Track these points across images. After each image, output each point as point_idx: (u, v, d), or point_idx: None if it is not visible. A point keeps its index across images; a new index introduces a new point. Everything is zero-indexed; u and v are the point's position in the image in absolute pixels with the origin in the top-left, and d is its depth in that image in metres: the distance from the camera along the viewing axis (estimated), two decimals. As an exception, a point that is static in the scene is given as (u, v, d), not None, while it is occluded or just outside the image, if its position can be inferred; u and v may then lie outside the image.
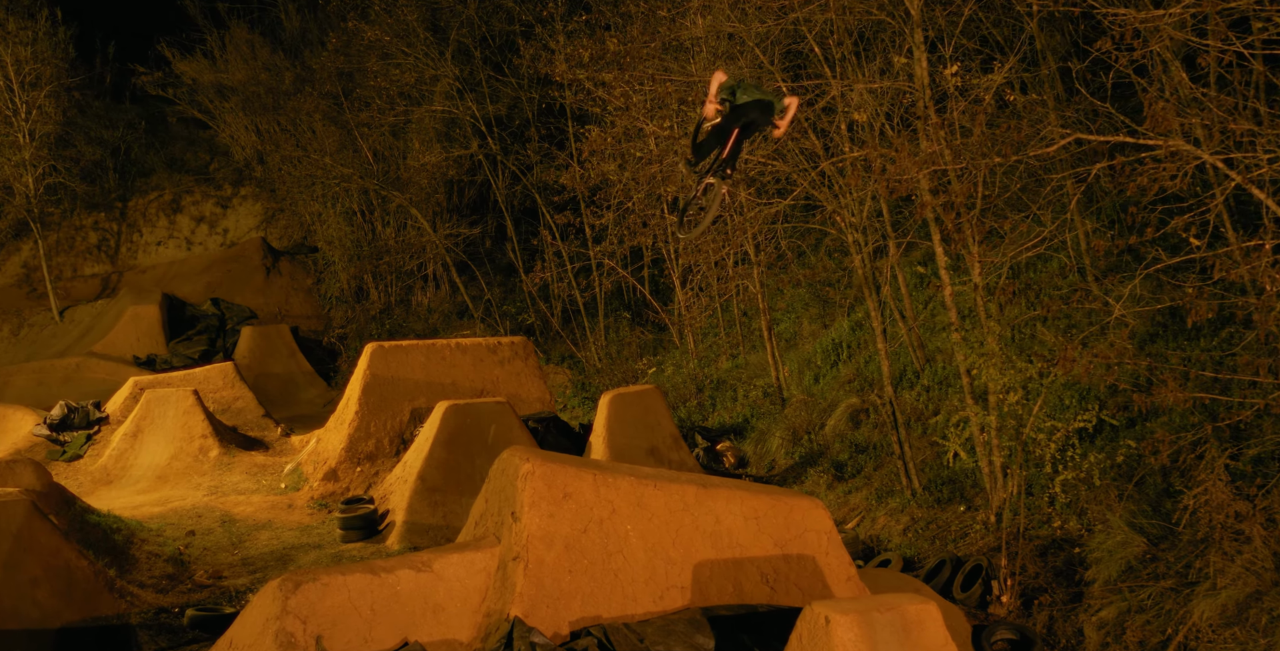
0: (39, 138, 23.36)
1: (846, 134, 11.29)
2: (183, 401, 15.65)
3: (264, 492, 13.92)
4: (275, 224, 27.84)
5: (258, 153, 28.25)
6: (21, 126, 23.12)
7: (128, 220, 27.51)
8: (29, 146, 23.19)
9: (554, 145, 21.21)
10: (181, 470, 14.98)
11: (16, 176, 23.37)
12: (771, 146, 10.39)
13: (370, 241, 24.82)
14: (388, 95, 21.05)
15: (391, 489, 12.62)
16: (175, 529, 12.34)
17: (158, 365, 21.28)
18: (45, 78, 22.94)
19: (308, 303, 25.22)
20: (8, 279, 26.04)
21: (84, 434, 15.88)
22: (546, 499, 6.42)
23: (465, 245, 24.11)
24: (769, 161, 10.48)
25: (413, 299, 25.19)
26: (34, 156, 23.38)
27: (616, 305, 22.93)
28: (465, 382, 14.38)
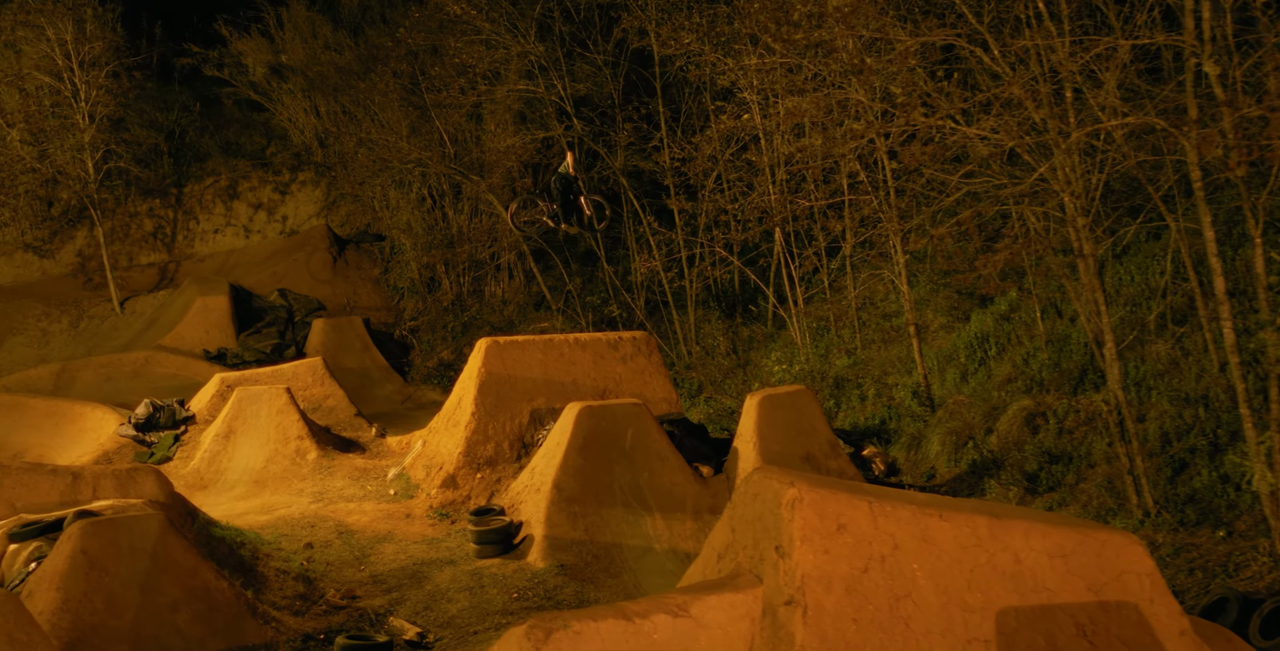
0: (98, 120, 22.80)
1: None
2: (276, 400, 15.05)
3: (374, 500, 13.28)
4: (337, 211, 27.22)
5: (318, 136, 27.63)
6: (81, 108, 22.56)
7: (184, 207, 26.99)
8: (89, 129, 22.63)
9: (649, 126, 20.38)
10: (279, 474, 14.38)
11: (75, 160, 22.83)
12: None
13: (443, 229, 24.14)
14: (471, 74, 20.29)
15: (521, 498, 11.93)
16: (290, 541, 11.71)
17: (228, 359, 20.74)
18: (104, 57, 22.33)
19: (376, 293, 24.59)
20: (63, 268, 25.59)
21: (171, 434, 15.32)
22: (819, 532, 5.65)
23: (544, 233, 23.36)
24: (990, 134, 9.58)
25: (485, 289, 24.50)
26: (93, 139, 22.82)
27: (705, 296, 22.14)
28: (586, 381, 13.66)
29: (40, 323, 23.05)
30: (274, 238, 27.08)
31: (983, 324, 14.63)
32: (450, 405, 14.11)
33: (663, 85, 20.97)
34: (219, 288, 22.11)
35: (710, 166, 17.38)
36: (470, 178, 21.79)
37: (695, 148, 18.86)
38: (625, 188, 21.64)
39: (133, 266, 25.45)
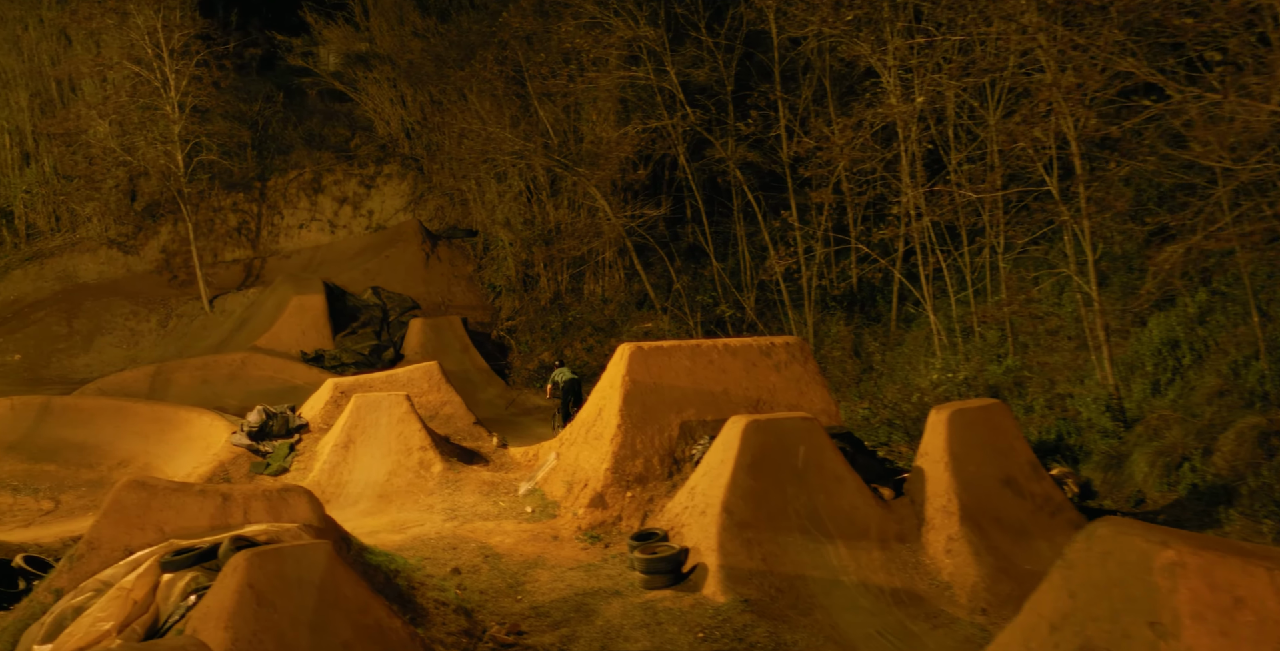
0: (187, 110, 22.37)
1: None
2: (396, 408, 14.40)
3: (511, 518, 12.54)
4: (424, 205, 26.64)
5: (405, 127, 27.08)
6: (170, 99, 22.16)
7: (267, 201, 26.58)
8: (180, 120, 22.22)
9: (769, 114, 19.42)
10: (404, 488, 13.72)
11: (165, 153, 22.44)
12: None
13: (540, 224, 23.42)
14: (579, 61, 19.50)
15: (682, 521, 11.10)
16: (434, 565, 10.99)
17: (326, 361, 20.21)
18: (193, 46, 21.90)
19: (471, 291, 23.96)
20: (148, 265, 25.31)
21: (286, 443, 14.74)
22: (1212, 607, 4.73)
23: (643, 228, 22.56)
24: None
25: (584, 287, 23.76)
26: (183, 131, 22.43)
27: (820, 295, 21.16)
28: (738, 391, 12.79)
29: (129, 322, 22.74)
30: (360, 233, 26.58)
31: (1168, 329, 13.51)
32: (587, 415, 13.33)
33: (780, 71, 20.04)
34: (313, 286, 21.59)
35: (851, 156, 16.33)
36: (577, 171, 21.00)
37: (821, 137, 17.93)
38: (739, 180, 20.75)
39: (217, 263, 25.08)
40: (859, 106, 17.07)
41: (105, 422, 16.33)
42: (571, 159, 21.45)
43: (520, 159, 21.47)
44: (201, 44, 21.97)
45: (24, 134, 25.74)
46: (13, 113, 25.75)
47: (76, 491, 14.98)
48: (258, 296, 23.07)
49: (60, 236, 25.16)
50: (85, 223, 25.30)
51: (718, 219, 22.37)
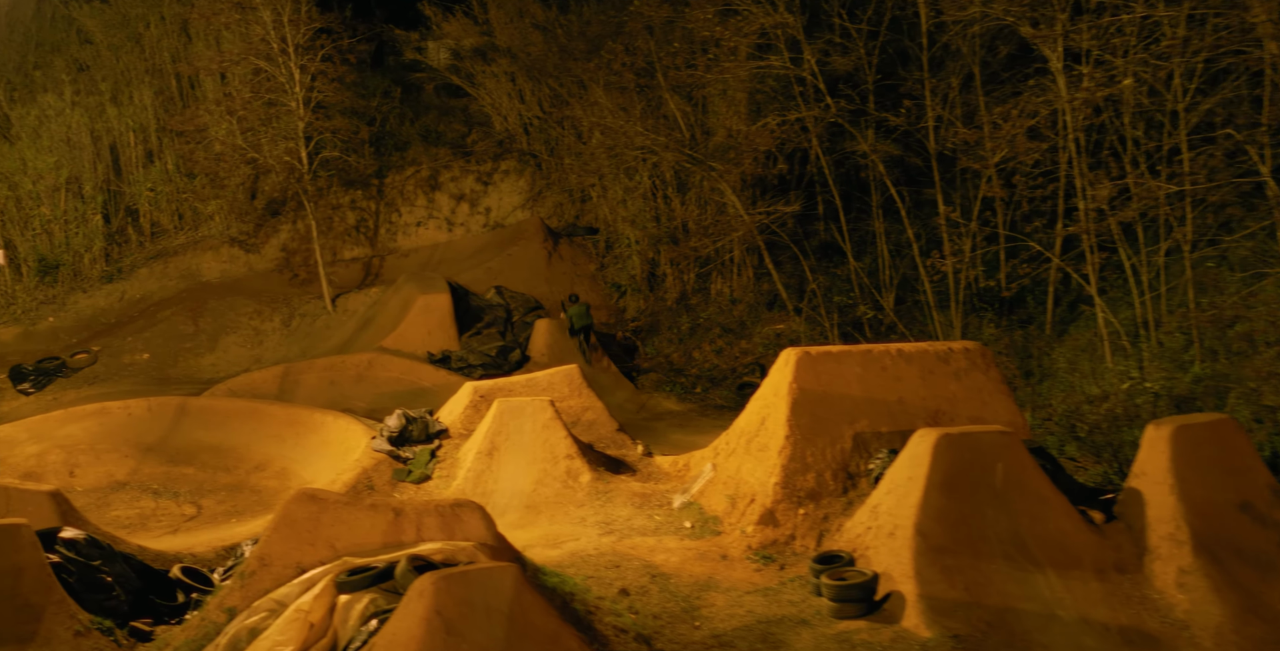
0: (311, 106, 22.40)
1: None
2: (540, 413, 13.96)
3: (671, 534, 11.98)
4: (543, 202, 26.30)
5: (523, 122, 26.79)
6: (295, 94, 22.19)
7: (385, 199, 26.56)
8: (305, 116, 22.25)
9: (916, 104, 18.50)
10: (552, 498, 13.28)
11: (289, 149, 22.49)
12: None
13: (667, 221, 22.84)
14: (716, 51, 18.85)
15: (866, 543, 10.37)
16: (599, 584, 10.48)
17: (453, 362, 19.97)
18: (318, 40, 21.89)
19: (594, 291, 23.51)
20: (268, 263, 25.49)
21: (427, 450, 14.43)
22: None
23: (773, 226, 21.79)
24: None
25: (711, 287, 23.11)
26: (307, 127, 22.45)
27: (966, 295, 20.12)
28: (914, 401, 12.01)
29: (253, 321, 22.88)
30: (477, 230, 26.38)
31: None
32: (747, 425, 12.68)
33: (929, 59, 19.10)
34: (438, 285, 21.39)
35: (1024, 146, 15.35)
36: (710, 165, 20.36)
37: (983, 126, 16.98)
38: (881, 174, 19.86)
39: (336, 261, 25.11)
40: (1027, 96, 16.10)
41: (241, 425, 16.29)
42: (703, 154, 20.81)
43: (651, 154, 20.88)
44: (326, 38, 21.93)
45: (148, 131, 26.18)
46: (136, 111, 26.21)
47: (216, 496, 14.93)
48: (380, 295, 22.99)
49: (183, 234, 25.51)
50: (208, 221, 25.61)
51: (855, 215, 21.47)
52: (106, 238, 24.60)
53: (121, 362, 21.51)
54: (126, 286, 24.18)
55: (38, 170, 23.75)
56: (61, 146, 24.56)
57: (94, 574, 9.54)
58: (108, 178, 25.30)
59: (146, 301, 24.03)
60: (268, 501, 14.70)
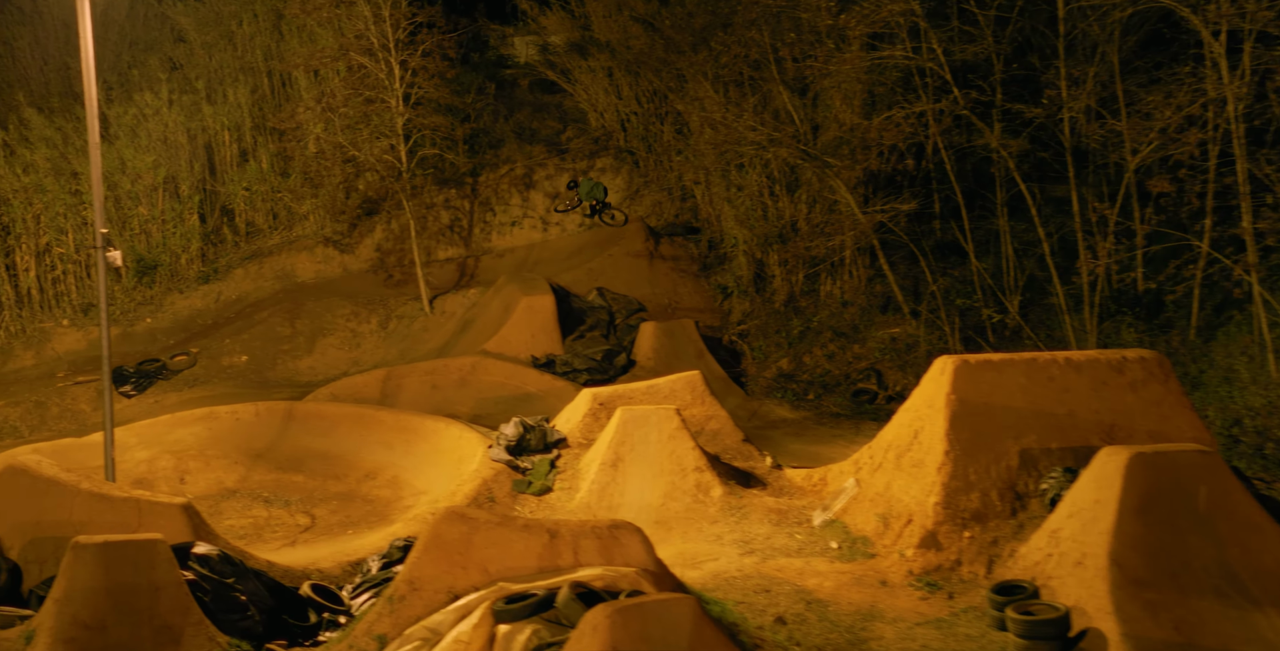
0: (411, 103, 22.12)
1: None
2: (666, 423, 13.36)
3: (819, 555, 11.29)
4: (640, 200, 25.75)
5: (620, 119, 26.28)
6: (395, 91, 21.92)
7: (479, 197, 26.25)
8: (404, 113, 21.97)
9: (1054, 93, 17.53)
10: (682, 514, 12.68)
11: (387, 147, 22.23)
12: None
13: (774, 220, 22.10)
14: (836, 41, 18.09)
15: (1048, 573, 9.58)
16: (751, 611, 9.83)
17: (557, 366, 19.51)
18: (419, 35, 21.59)
19: (697, 293, 22.89)
20: (362, 263, 25.33)
21: (546, 460, 13.92)
22: None
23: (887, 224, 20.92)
24: None
25: (820, 289, 22.31)
26: (406, 124, 22.18)
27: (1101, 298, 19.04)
28: (1085, 414, 11.15)
29: (349, 323, 22.68)
30: (573, 230, 25.94)
31: None
32: (896, 438, 11.93)
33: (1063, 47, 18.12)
34: (540, 286, 20.94)
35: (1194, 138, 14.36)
36: (827, 161, 19.59)
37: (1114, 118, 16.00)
38: (1011, 170, 18.89)
39: (431, 262, 24.84)
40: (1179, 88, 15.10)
41: (349, 431, 15.97)
42: (819, 149, 20.05)
43: (763, 150, 20.16)
44: (426, 32, 21.62)
45: (242, 130, 26.21)
46: (231, 109, 26.26)
47: (328, 505, 14.60)
48: (479, 297, 22.64)
49: (277, 234, 25.47)
50: (302, 220, 25.54)
51: (977, 213, 20.52)
52: (202, 238, 24.63)
53: (220, 365, 21.44)
54: (222, 287, 24.18)
55: (136, 170, 23.84)
56: (159, 145, 24.65)
57: (228, 592, 9.17)
58: (203, 177, 25.35)
59: (242, 302, 24.00)
60: (381, 511, 14.35)
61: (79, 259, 23.18)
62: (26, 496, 9.50)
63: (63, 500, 9.43)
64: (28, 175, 22.80)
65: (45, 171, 23.01)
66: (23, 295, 22.72)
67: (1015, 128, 18.99)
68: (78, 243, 23.05)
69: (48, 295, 23.02)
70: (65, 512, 9.39)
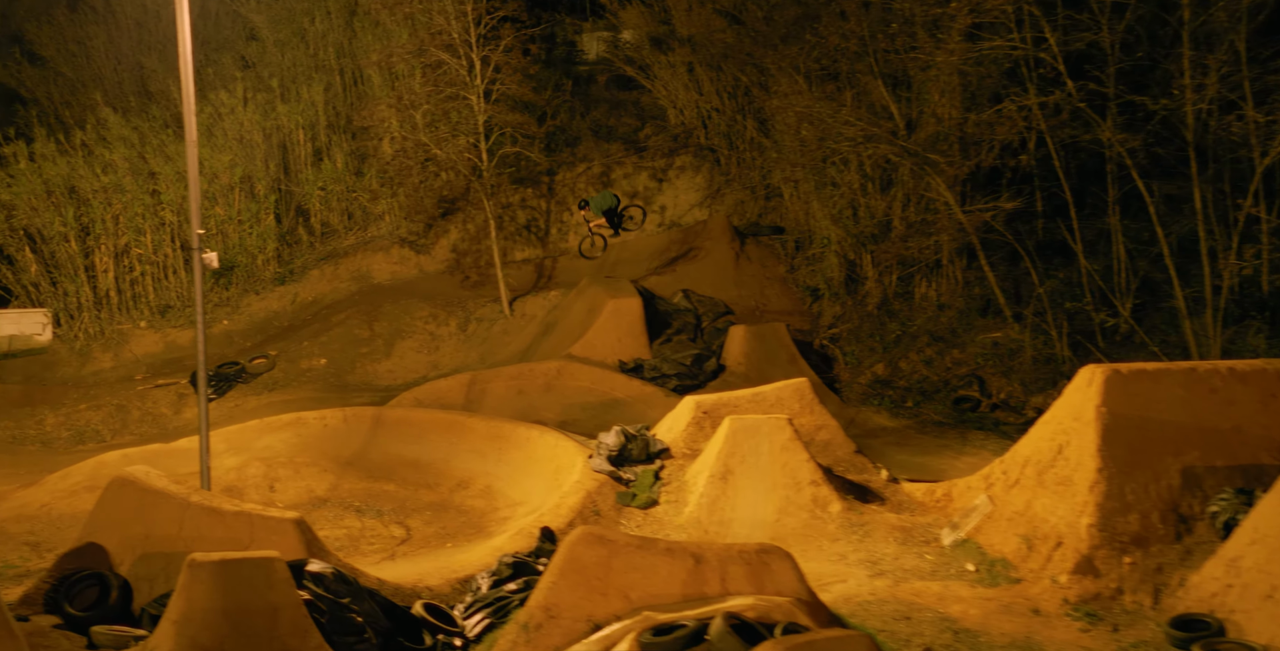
0: (492, 100, 21.73)
1: None
2: (778, 434, 12.75)
3: (956, 579, 10.62)
4: (721, 199, 25.16)
5: (701, 115, 25.71)
6: (476, 87, 21.54)
7: (556, 197, 25.84)
8: (485, 110, 21.59)
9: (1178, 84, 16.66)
10: (799, 530, 12.06)
11: (468, 146, 21.86)
12: None
13: (866, 219, 21.39)
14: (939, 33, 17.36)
15: (1229, 605, 8.86)
16: (892, 639, 9.20)
17: (645, 371, 18.97)
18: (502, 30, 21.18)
19: (785, 295, 22.24)
20: (438, 265, 25.03)
21: (650, 471, 13.38)
22: None
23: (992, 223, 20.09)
24: None
25: (915, 291, 21.54)
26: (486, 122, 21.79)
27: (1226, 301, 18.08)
28: (1254, 429, 10.39)
29: (428, 325, 22.36)
30: (652, 230, 25.40)
31: None
32: (1035, 453, 11.22)
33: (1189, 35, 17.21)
34: (626, 288, 20.42)
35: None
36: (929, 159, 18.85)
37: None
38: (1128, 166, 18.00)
39: (508, 263, 24.43)
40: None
41: (439, 438, 15.57)
42: (917, 145, 19.31)
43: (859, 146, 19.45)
44: (509, 27, 21.21)
45: (316, 129, 26.06)
46: (305, 108, 26.11)
47: (421, 515, 14.20)
48: (560, 299, 22.20)
49: (352, 235, 25.26)
50: (377, 221, 25.31)
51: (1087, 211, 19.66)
52: (278, 239, 24.48)
53: (299, 368, 21.22)
54: (298, 288, 24.01)
55: (213, 169, 23.75)
56: (235, 145, 24.56)
57: (344, 613, 8.74)
58: (278, 177, 25.21)
59: (318, 304, 23.81)
60: (477, 523, 13.92)
61: (156, 260, 23.13)
62: (135, 510, 9.16)
63: (172, 513, 9.08)
64: (107, 175, 22.78)
65: (124, 171, 22.98)
66: (101, 297, 22.71)
67: (1131, 121, 18.13)
68: (155, 243, 22.99)
69: (125, 297, 22.99)
70: (175, 527, 9.03)
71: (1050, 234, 20.71)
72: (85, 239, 22.69)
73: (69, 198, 22.48)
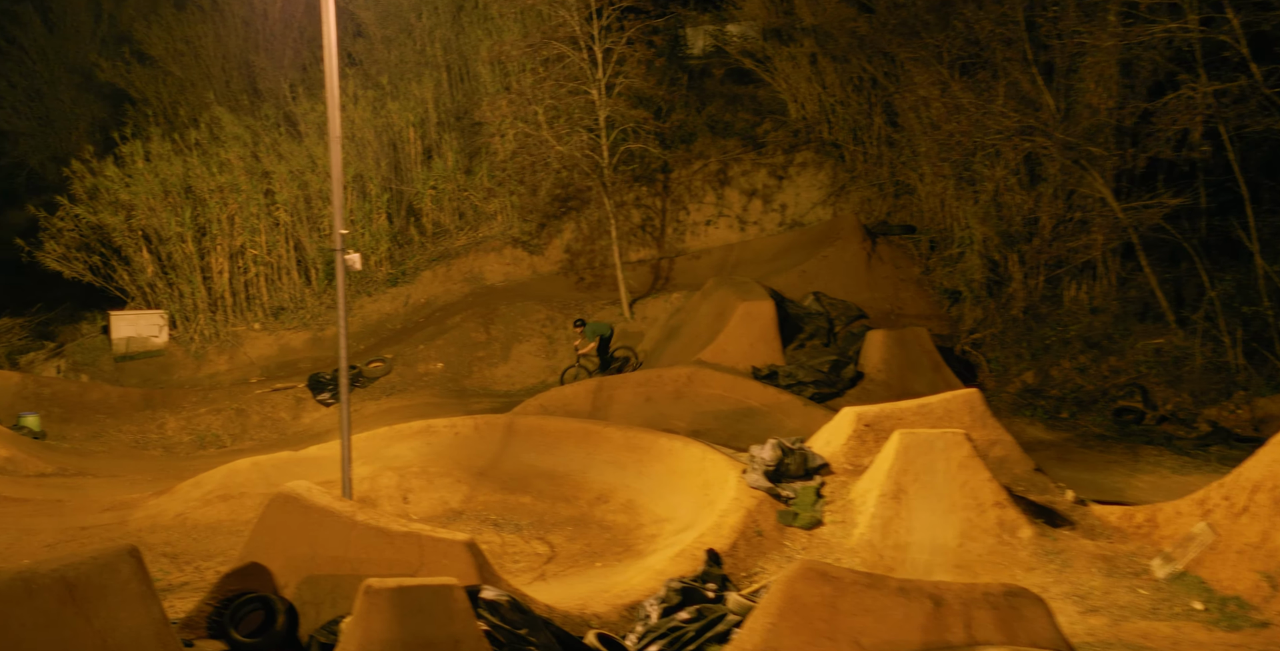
0: (614, 95, 21.09)
1: None
2: (954, 450, 11.81)
3: (1183, 618, 9.59)
4: (846, 197, 24.20)
5: (823, 109, 24.77)
6: (598, 81, 20.94)
7: (671, 195, 25.13)
8: (606, 105, 20.97)
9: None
10: (986, 557, 11.13)
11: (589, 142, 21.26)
12: None
13: (1009, 217, 20.26)
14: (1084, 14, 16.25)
15: None
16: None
17: (780, 378, 18.13)
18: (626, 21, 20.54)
19: (920, 298, 21.22)
20: (551, 266, 24.52)
21: (810, 488, 12.53)
22: None
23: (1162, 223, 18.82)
24: None
25: (1064, 293, 20.36)
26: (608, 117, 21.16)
27: None
28: None
29: (545, 329, 21.82)
30: (772, 229, 24.58)
31: None
32: (1268, 476, 10.12)
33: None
34: (756, 291, 19.60)
35: None
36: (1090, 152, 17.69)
37: None
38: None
39: (623, 264, 23.78)
40: None
41: (573, 448, 14.92)
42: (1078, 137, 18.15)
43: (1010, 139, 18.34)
44: (633, 18, 20.56)
45: (426, 126, 25.75)
46: (414, 105, 25.83)
47: (562, 531, 13.55)
48: (682, 301, 21.47)
49: (463, 235, 24.88)
50: (488, 220, 24.89)
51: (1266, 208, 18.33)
52: (390, 238, 24.19)
53: (415, 372, 20.83)
54: (410, 290, 23.70)
55: (326, 167, 23.53)
56: (346, 143, 24.31)
57: (523, 645, 8.10)
58: (389, 176, 24.94)
59: (430, 306, 23.44)
60: (623, 540, 13.21)
61: (270, 261, 22.98)
62: (299, 529, 8.63)
63: (337, 533, 8.53)
64: (223, 174, 22.68)
65: (239, 170, 22.88)
66: (216, 298, 22.63)
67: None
68: (270, 244, 22.85)
69: (239, 298, 22.88)
70: (340, 548, 8.48)
71: (1216, 232, 19.40)
72: (201, 240, 22.62)
73: (185, 197, 22.42)
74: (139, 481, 15.52)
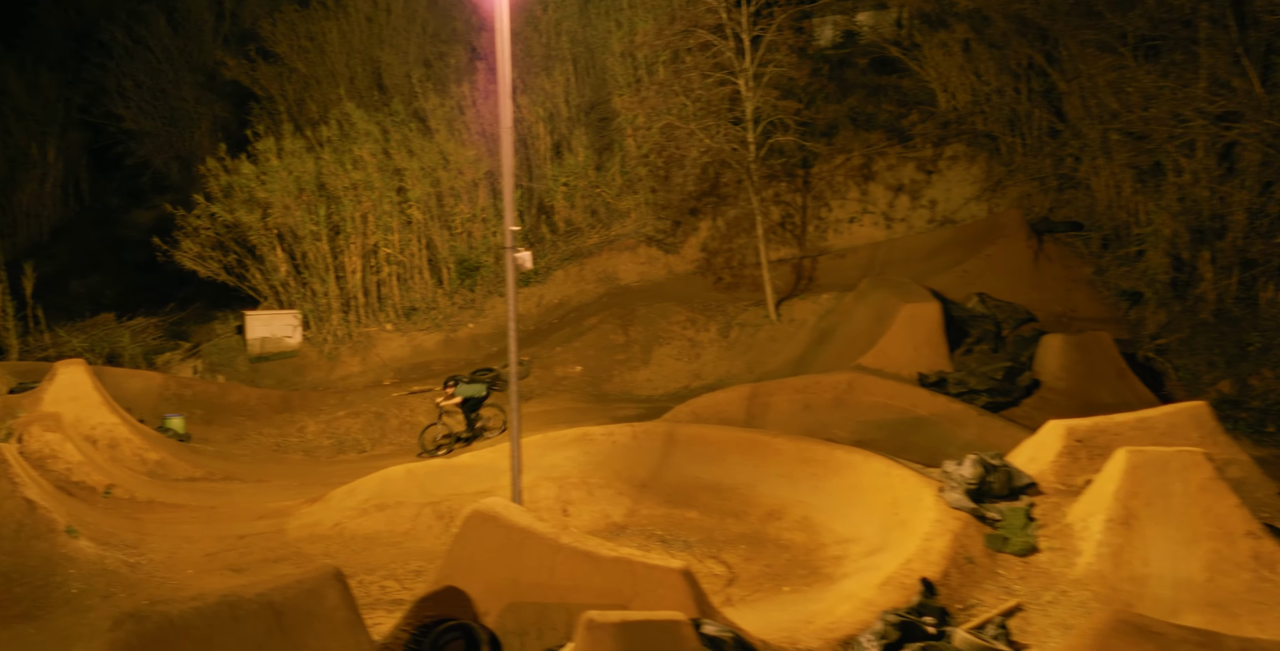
0: (763, 84, 20.15)
1: None
2: (1192, 471, 10.61)
3: None
4: (1002, 193, 22.83)
5: (976, 99, 23.45)
6: (745, 70, 20.03)
7: (812, 191, 24.08)
8: (754, 96, 20.05)
9: None
10: (1243, 596, 9.91)
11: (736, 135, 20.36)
12: None
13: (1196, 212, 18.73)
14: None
15: None
16: None
17: (949, 386, 16.98)
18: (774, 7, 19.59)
19: (1094, 300, 19.81)
20: (687, 265, 23.69)
21: (1020, 510, 11.42)
22: None
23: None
24: None
25: (1260, 295, 18.74)
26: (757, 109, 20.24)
27: None
28: None
29: (686, 331, 20.99)
30: (920, 227, 23.35)
31: None
32: None
33: None
34: (919, 292, 18.46)
35: None
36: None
37: None
38: None
39: (766, 263, 22.84)
40: None
41: (740, 460, 14.04)
42: None
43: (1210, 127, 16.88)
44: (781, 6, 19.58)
45: (556, 121, 25.18)
46: (544, 98, 25.29)
47: (735, 549, 12.69)
48: (832, 302, 20.43)
49: (595, 233, 24.21)
50: (621, 218, 24.17)
51: None
52: (522, 237, 23.63)
53: (554, 375, 20.20)
54: (543, 290, 23.10)
55: (458, 164, 23.12)
56: (477, 139, 23.88)
57: (754, 691, 7.19)
58: (519, 173, 24.41)
59: (564, 307, 22.82)
60: (804, 561, 12.28)
61: (403, 260, 22.60)
62: (498, 550, 7.91)
63: (542, 557, 7.78)
64: (356, 171, 22.38)
65: (372, 167, 22.56)
66: (349, 298, 22.34)
67: None
68: (403, 243, 22.48)
69: (371, 298, 22.56)
70: (545, 573, 7.72)
71: None
72: (335, 238, 22.35)
73: (319, 195, 22.17)
74: (287, 487, 15.13)
